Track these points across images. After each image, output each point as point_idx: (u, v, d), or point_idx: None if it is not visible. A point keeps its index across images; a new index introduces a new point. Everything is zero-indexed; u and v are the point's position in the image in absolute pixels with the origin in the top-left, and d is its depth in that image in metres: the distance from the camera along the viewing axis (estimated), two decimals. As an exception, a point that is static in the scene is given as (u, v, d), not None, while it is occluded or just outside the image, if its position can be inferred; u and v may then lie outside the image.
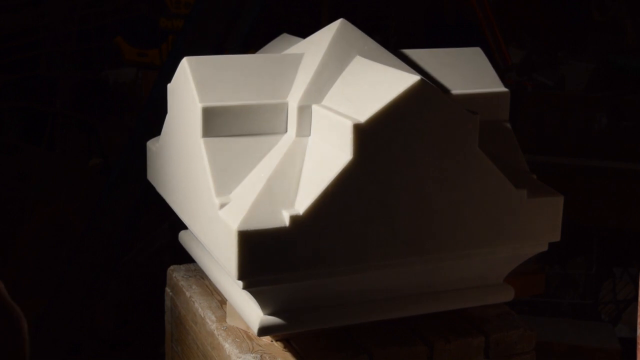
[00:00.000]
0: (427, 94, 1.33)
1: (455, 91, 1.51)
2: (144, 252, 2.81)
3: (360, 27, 1.52)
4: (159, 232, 2.77)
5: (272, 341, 1.45)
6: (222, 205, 1.33)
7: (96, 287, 2.69)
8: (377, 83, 1.37)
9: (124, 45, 3.11)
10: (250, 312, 1.40)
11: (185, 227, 1.62)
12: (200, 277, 1.67)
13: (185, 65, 1.43)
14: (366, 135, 1.30)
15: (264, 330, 1.40)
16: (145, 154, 1.70)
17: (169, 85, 1.52)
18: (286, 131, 1.42)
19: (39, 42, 3.04)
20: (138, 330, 2.76)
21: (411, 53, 1.57)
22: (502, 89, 1.55)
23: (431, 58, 1.57)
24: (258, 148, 1.40)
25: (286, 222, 1.29)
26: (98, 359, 2.74)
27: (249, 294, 1.38)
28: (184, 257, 1.71)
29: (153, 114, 2.30)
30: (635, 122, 3.27)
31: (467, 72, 1.55)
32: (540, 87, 3.39)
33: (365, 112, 1.31)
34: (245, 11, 2.52)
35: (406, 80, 1.33)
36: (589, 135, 3.30)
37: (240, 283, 1.33)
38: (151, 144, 1.67)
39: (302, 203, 1.30)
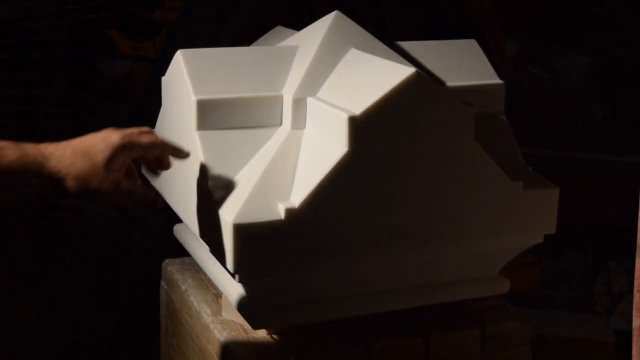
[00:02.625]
0: (422, 86, 1.33)
1: (451, 83, 1.51)
2: (143, 250, 2.81)
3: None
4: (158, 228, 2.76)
5: (267, 334, 1.44)
6: (218, 199, 1.32)
7: (96, 287, 2.68)
8: (372, 75, 1.36)
9: (118, 37, 3.10)
10: (245, 305, 1.40)
11: (180, 221, 1.61)
12: (196, 270, 1.67)
13: (180, 58, 1.42)
14: (361, 128, 1.29)
15: (259, 323, 1.40)
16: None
17: (163, 78, 1.51)
18: (281, 124, 1.41)
19: (33, 33, 3.02)
20: (138, 330, 2.75)
21: (406, 45, 1.56)
22: (497, 81, 1.55)
23: (427, 50, 1.56)
24: (253, 141, 1.40)
25: (282, 215, 1.28)
26: (98, 359, 2.74)
27: (244, 286, 1.38)
28: (183, 254, 1.70)
29: (148, 108, 2.30)
30: (631, 116, 3.27)
31: (463, 64, 1.55)
32: (536, 80, 3.39)
33: (360, 105, 1.31)
34: (239, 3, 2.51)
35: (401, 72, 1.32)
36: (584, 128, 3.30)
37: (236, 276, 1.33)
38: (146, 137, 1.66)
39: (298, 196, 1.30)
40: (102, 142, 1.21)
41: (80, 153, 1.20)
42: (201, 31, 2.39)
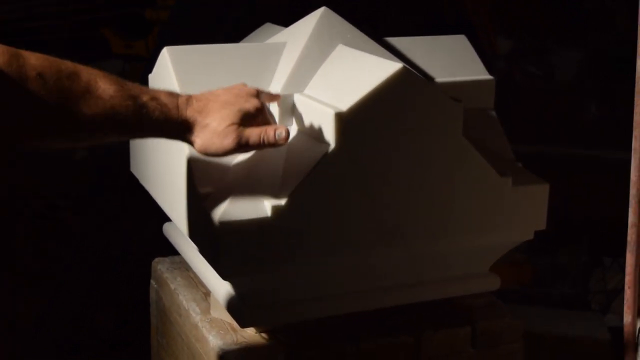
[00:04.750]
0: (409, 81, 1.32)
1: (440, 79, 1.50)
2: (143, 250, 2.80)
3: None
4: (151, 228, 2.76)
5: (256, 332, 1.44)
6: (204, 196, 1.32)
7: (96, 287, 2.68)
8: (359, 71, 1.35)
9: (111, 37, 3.09)
10: (233, 303, 1.39)
11: (169, 219, 1.60)
12: (185, 269, 1.66)
13: (166, 55, 1.42)
14: (348, 124, 1.29)
15: (247, 322, 1.39)
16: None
17: (150, 76, 1.50)
18: (268, 121, 1.40)
19: (33, 33, 3.02)
20: (138, 330, 2.75)
21: (395, 41, 1.56)
22: (487, 76, 1.54)
23: (416, 46, 1.55)
24: (240, 138, 1.38)
25: (268, 212, 1.27)
26: (98, 359, 2.74)
27: (231, 285, 1.37)
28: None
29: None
30: (624, 111, 3.26)
31: (452, 60, 1.54)
32: (533, 78, 3.38)
33: (347, 101, 1.30)
34: (237, 3, 2.50)
35: (388, 67, 1.32)
36: (577, 124, 3.29)
37: (223, 274, 1.32)
38: (134, 136, 1.66)
39: (284, 193, 1.29)
40: (218, 136, 1.22)
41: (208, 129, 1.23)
42: (193, 30, 2.38)
